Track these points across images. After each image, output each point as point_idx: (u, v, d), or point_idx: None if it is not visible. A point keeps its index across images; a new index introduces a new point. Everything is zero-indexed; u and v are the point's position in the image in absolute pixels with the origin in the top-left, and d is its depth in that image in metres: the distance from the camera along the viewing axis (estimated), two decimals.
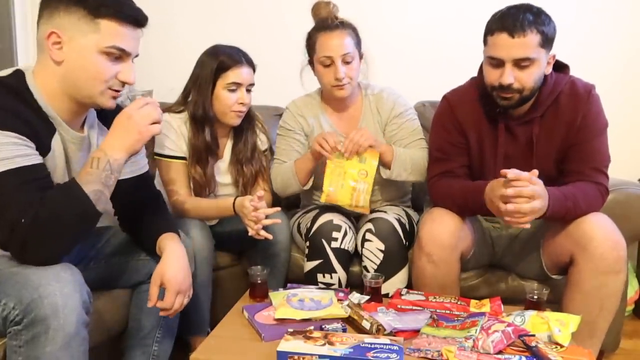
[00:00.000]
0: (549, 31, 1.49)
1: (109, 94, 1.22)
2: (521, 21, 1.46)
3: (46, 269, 1.09)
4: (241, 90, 1.74)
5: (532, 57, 1.48)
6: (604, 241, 1.46)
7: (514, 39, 1.47)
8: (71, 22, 1.15)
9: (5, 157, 1.08)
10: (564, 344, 1.25)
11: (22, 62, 2.48)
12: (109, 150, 1.17)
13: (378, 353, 1.17)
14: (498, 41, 1.49)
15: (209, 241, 1.69)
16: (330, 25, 1.77)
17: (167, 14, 2.50)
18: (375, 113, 1.90)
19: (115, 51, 1.18)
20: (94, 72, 1.18)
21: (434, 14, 2.46)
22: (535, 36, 1.47)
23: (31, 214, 1.08)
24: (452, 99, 1.71)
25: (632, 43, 2.37)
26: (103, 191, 1.16)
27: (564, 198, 1.48)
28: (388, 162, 1.78)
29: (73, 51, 1.16)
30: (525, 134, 1.62)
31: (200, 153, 1.77)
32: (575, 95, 1.58)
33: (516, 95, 1.53)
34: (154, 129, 1.21)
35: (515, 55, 1.48)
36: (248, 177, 1.86)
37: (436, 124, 1.75)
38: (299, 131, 1.92)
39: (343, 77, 1.76)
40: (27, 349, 1.06)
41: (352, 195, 1.73)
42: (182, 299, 1.33)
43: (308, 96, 1.97)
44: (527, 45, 1.47)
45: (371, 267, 1.71)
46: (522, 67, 1.49)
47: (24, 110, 1.14)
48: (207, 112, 1.75)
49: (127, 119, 1.19)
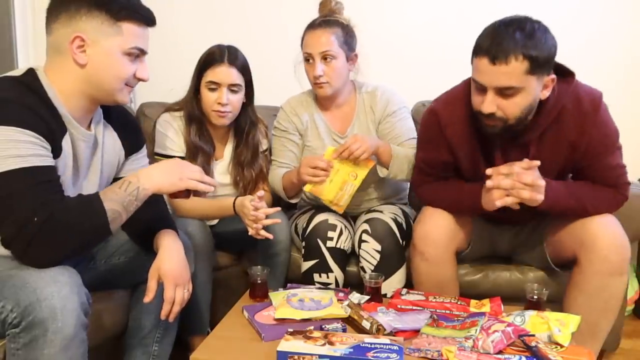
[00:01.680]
0: (541, 54, 1.32)
1: (127, 90, 1.29)
2: (505, 46, 1.30)
3: (44, 271, 1.09)
4: (221, 90, 1.72)
5: (517, 86, 1.33)
6: (609, 243, 1.45)
7: (495, 66, 1.32)
8: (94, 26, 1.19)
9: (19, 155, 1.10)
10: (564, 344, 1.25)
11: (22, 62, 2.47)
12: (144, 179, 1.22)
13: (378, 353, 1.17)
14: (480, 66, 1.36)
15: (209, 241, 1.69)
16: (315, 23, 1.79)
17: (167, 14, 2.48)
18: (369, 111, 1.89)
19: (136, 51, 1.25)
20: (118, 72, 1.23)
21: (433, 14, 2.45)
22: (521, 64, 1.31)
23: (46, 214, 1.08)
24: (441, 114, 1.56)
25: (634, 43, 2.36)
26: (121, 213, 1.19)
27: (568, 194, 1.46)
28: (386, 162, 1.75)
29: (98, 54, 1.21)
30: (520, 157, 1.46)
31: (196, 152, 1.77)
32: (580, 113, 1.44)
33: (499, 123, 1.40)
34: (190, 183, 1.27)
35: (496, 83, 1.34)
36: (249, 180, 1.86)
37: (423, 138, 1.66)
38: (293, 131, 1.92)
39: (320, 75, 1.76)
40: (25, 351, 1.06)
41: (336, 193, 1.70)
42: (182, 292, 1.33)
43: (303, 94, 1.97)
44: (510, 74, 1.32)
45: (368, 267, 1.71)
46: (506, 96, 1.35)
47: (42, 110, 1.16)
48: (194, 110, 1.76)
49: (177, 165, 1.28)
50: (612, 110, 1.57)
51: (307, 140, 1.91)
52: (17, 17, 2.47)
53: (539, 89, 1.39)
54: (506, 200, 1.40)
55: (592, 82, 1.65)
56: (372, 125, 1.89)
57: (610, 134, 1.49)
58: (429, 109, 1.62)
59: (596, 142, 1.47)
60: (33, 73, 1.22)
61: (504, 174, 1.40)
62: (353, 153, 1.65)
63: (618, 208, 1.53)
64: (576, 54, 1.75)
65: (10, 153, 1.09)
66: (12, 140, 1.09)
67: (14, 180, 1.09)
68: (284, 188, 1.83)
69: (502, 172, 1.39)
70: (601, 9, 2.35)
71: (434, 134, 1.59)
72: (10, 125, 1.09)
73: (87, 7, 1.19)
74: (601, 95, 1.48)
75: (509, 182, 1.38)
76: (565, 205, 1.48)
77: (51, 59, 1.24)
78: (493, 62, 1.32)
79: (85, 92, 1.24)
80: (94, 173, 1.34)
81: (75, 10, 1.19)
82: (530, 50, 1.30)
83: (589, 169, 1.51)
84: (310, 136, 1.91)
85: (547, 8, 2.25)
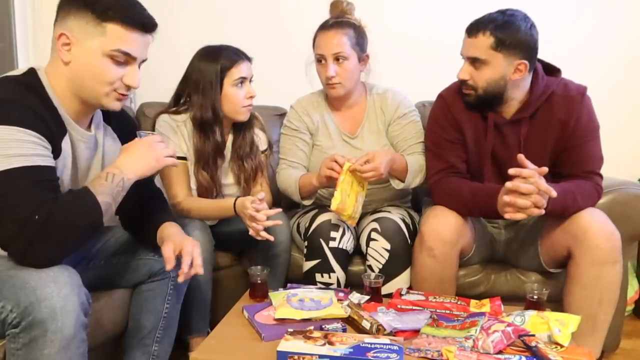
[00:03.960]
0: (507, 36, 1.52)
1: (114, 96, 1.25)
2: (479, 22, 1.55)
3: (44, 271, 1.09)
4: (246, 83, 1.76)
5: (482, 58, 1.55)
6: (599, 232, 1.50)
7: (469, 38, 1.57)
8: (80, 24, 1.18)
9: (22, 154, 1.10)
10: (564, 344, 1.25)
11: (22, 62, 2.47)
12: (125, 169, 1.24)
13: (378, 353, 1.17)
14: (463, 39, 1.61)
15: (209, 241, 1.69)
16: (327, 24, 1.79)
17: (166, 14, 2.49)
18: (379, 113, 1.90)
19: (120, 55, 1.20)
20: (99, 74, 1.21)
21: (435, 14, 2.45)
22: (487, 39, 1.53)
23: (45, 213, 1.09)
24: (447, 96, 1.74)
25: (632, 43, 2.36)
26: (112, 204, 1.21)
27: (563, 195, 1.50)
28: (401, 176, 1.77)
29: (80, 53, 1.20)
30: (514, 135, 1.64)
31: (207, 157, 1.77)
32: (568, 97, 1.61)
33: (472, 93, 1.62)
34: (168, 160, 1.33)
35: (468, 53, 1.59)
36: (249, 173, 1.86)
37: (432, 120, 1.77)
38: (304, 130, 1.92)
39: (333, 76, 1.76)
40: (25, 351, 1.06)
41: (353, 206, 1.70)
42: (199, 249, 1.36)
43: (313, 95, 1.97)
44: (476, 46, 1.55)
45: (376, 266, 1.71)
46: (476, 67, 1.58)
47: (42, 110, 1.16)
48: (218, 113, 1.75)
49: (148, 147, 1.29)
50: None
51: (317, 140, 1.92)
52: (17, 18, 2.47)
53: (509, 69, 1.56)
54: (516, 216, 1.46)
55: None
56: (382, 127, 1.90)
57: (594, 119, 1.63)
58: (437, 96, 1.79)
59: (583, 123, 1.60)
60: (34, 73, 1.22)
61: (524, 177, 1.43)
62: (365, 171, 1.63)
63: (600, 198, 1.62)
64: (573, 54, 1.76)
65: (14, 152, 1.09)
66: (15, 140, 1.10)
67: (16, 178, 1.09)
68: (300, 189, 1.82)
69: (523, 174, 1.42)
70: (600, 10, 2.35)
71: (442, 114, 1.73)
72: (13, 125, 1.10)
73: (76, 5, 1.18)
74: (586, 88, 1.63)
75: (528, 187, 1.42)
76: (564, 204, 1.51)
77: (50, 58, 1.24)
78: (469, 35, 1.58)
79: (74, 92, 1.23)
80: (94, 174, 1.34)
81: (67, 8, 1.19)
82: (499, 30, 1.52)
83: (574, 151, 1.61)
84: (321, 136, 1.91)
85: (547, 8, 2.27)
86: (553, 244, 1.62)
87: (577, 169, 1.61)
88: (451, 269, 1.63)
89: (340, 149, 1.89)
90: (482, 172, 1.68)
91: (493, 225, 1.82)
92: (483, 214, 1.67)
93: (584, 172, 1.60)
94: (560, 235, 1.58)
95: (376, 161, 1.63)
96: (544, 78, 1.62)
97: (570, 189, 1.53)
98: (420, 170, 1.80)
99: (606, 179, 1.66)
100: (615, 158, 1.63)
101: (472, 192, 1.61)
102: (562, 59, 1.67)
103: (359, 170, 1.63)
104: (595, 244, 1.49)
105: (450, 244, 1.59)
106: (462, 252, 1.66)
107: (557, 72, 1.66)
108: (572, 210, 1.54)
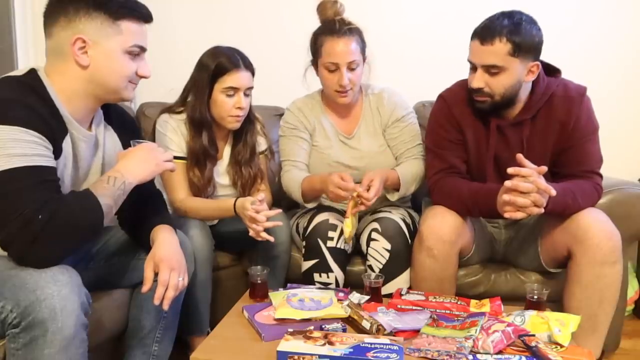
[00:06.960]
0: (523, 41, 1.50)
1: (131, 87, 1.30)
2: (492, 29, 1.51)
3: (44, 271, 1.09)
4: (238, 94, 1.71)
5: (500, 65, 1.52)
6: (599, 232, 1.50)
7: (483, 46, 1.52)
8: (94, 26, 1.20)
9: (24, 154, 1.10)
10: (564, 344, 1.25)
11: (22, 62, 2.47)
12: (126, 173, 1.25)
13: (378, 353, 1.17)
14: (472, 47, 1.57)
15: (209, 241, 1.69)
16: (339, 31, 1.74)
17: (166, 14, 2.50)
18: (375, 113, 1.90)
19: (137, 49, 1.26)
20: (119, 71, 1.25)
21: (433, 14, 2.45)
22: (505, 45, 1.50)
23: (47, 213, 1.09)
24: (448, 97, 1.73)
25: (633, 44, 2.36)
26: (113, 207, 1.22)
27: (563, 194, 1.50)
28: (395, 188, 1.80)
29: (100, 54, 1.22)
30: (516, 136, 1.64)
31: (198, 156, 1.76)
32: (568, 97, 1.61)
33: (488, 100, 1.58)
34: (167, 165, 1.34)
35: (483, 61, 1.54)
36: (247, 179, 1.85)
37: (433, 121, 1.77)
38: (303, 129, 1.91)
39: (347, 84, 1.76)
40: (25, 351, 1.06)
41: (356, 226, 1.72)
42: (177, 277, 1.30)
43: (308, 97, 1.97)
44: (495, 53, 1.51)
45: (376, 266, 1.71)
46: (492, 74, 1.54)
47: (44, 110, 1.17)
48: (204, 116, 1.73)
49: (148, 152, 1.31)
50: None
51: (315, 140, 1.92)
52: (17, 19, 2.47)
53: (523, 72, 1.55)
54: (516, 215, 1.46)
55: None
56: (378, 127, 1.90)
57: (593, 120, 1.63)
58: (438, 96, 1.78)
59: (582, 123, 1.60)
60: (34, 73, 1.22)
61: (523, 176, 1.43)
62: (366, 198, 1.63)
63: (600, 197, 1.62)
64: (574, 54, 1.76)
65: (15, 152, 1.09)
66: (16, 140, 1.10)
67: (17, 178, 1.09)
68: (302, 193, 1.81)
69: (522, 173, 1.43)
70: (600, 10, 2.36)
71: (442, 114, 1.73)
72: (15, 125, 1.10)
73: (85, 8, 1.19)
74: (586, 89, 1.63)
75: (528, 185, 1.42)
76: (564, 203, 1.52)
77: (52, 62, 1.24)
78: (482, 42, 1.53)
79: (90, 92, 1.25)
80: (95, 174, 1.35)
81: (74, 12, 1.19)
82: (514, 35, 1.50)
83: (573, 151, 1.61)
84: (318, 136, 1.91)
85: (547, 8, 2.26)
86: (553, 243, 1.62)
87: (577, 168, 1.61)
88: (451, 268, 1.63)
89: (337, 149, 1.90)
90: (484, 174, 1.68)
91: (493, 225, 1.82)
92: (483, 214, 1.67)
93: (584, 171, 1.60)
94: (560, 235, 1.58)
95: (376, 184, 1.66)
96: (545, 79, 1.62)
97: (570, 189, 1.54)
98: (414, 180, 1.82)
99: (606, 179, 1.66)
100: (615, 158, 1.63)
101: (471, 192, 1.61)
102: (562, 60, 1.67)
103: (365, 197, 1.63)
104: (596, 243, 1.49)
105: (450, 243, 1.59)
106: (462, 252, 1.66)
107: (557, 72, 1.66)
108: (572, 210, 1.54)
